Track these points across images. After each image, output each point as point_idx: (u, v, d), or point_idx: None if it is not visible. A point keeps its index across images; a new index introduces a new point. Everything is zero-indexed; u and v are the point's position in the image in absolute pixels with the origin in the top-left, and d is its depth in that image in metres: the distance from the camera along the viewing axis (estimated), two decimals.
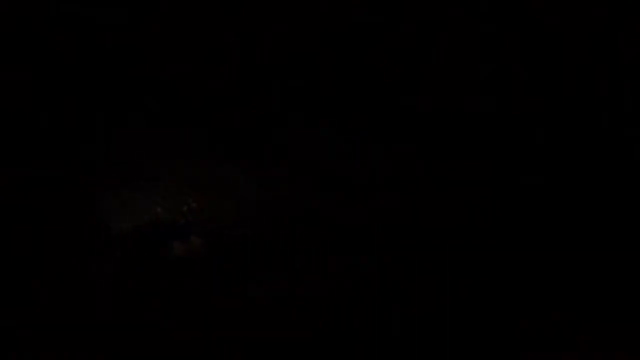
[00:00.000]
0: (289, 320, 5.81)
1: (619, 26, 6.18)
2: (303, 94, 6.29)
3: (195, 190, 6.20)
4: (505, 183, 6.24)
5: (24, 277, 5.80)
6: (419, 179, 6.26)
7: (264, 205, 6.22)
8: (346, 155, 6.26)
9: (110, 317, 5.72)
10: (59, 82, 6.17)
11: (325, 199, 6.24)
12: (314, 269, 6.06)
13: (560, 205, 6.20)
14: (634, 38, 6.19)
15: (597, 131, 6.24)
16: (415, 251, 6.07)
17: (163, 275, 5.91)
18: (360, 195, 6.25)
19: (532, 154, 6.26)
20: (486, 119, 6.28)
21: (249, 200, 6.21)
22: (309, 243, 6.13)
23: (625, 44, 6.21)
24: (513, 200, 6.23)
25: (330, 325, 5.81)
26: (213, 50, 6.27)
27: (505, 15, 6.21)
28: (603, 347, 5.61)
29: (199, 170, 6.22)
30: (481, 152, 6.27)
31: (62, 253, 5.93)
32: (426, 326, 5.80)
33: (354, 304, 5.91)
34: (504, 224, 6.19)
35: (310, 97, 6.29)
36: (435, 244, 6.11)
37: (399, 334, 5.77)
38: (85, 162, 6.15)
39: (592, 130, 6.25)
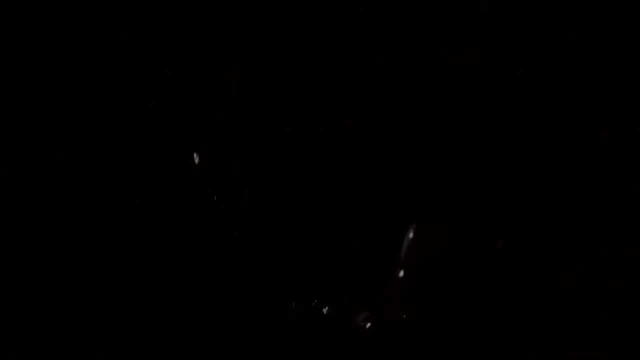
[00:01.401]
0: (289, 320, 5.82)
1: (620, 26, 6.20)
2: (303, 94, 6.31)
3: (195, 190, 6.22)
4: (505, 182, 6.26)
5: (24, 277, 5.80)
6: (419, 179, 6.28)
7: (264, 205, 6.24)
8: (346, 155, 6.28)
9: (110, 317, 5.72)
10: (59, 82, 6.17)
11: (325, 198, 6.25)
12: (313, 268, 6.08)
13: (559, 204, 6.22)
14: (633, 38, 6.21)
15: (597, 132, 6.26)
16: (414, 250, 6.09)
17: (164, 274, 5.92)
18: (360, 195, 6.27)
19: (532, 154, 6.28)
20: (486, 119, 6.29)
21: (249, 199, 6.23)
22: (308, 242, 6.15)
23: (625, 44, 6.22)
24: (512, 200, 6.25)
25: (330, 326, 5.82)
26: (213, 50, 6.29)
27: (506, 15, 6.23)
28: (607, 346, 5.62)
29: (199, 170, 6.23)
30: (481, 152, 6.29)
31: (62, 253, 5.93)
32: (425, 326, 5.81)
33: (354, 303, 5.93)
34: (502, 224, 6.21)
35: (310, 97, 6.31)
36: (434, 243, 6.13)
37: (398, 334, 5.78)
38: (85, 162, 6.15)
39: (592, 131, 6.27)
